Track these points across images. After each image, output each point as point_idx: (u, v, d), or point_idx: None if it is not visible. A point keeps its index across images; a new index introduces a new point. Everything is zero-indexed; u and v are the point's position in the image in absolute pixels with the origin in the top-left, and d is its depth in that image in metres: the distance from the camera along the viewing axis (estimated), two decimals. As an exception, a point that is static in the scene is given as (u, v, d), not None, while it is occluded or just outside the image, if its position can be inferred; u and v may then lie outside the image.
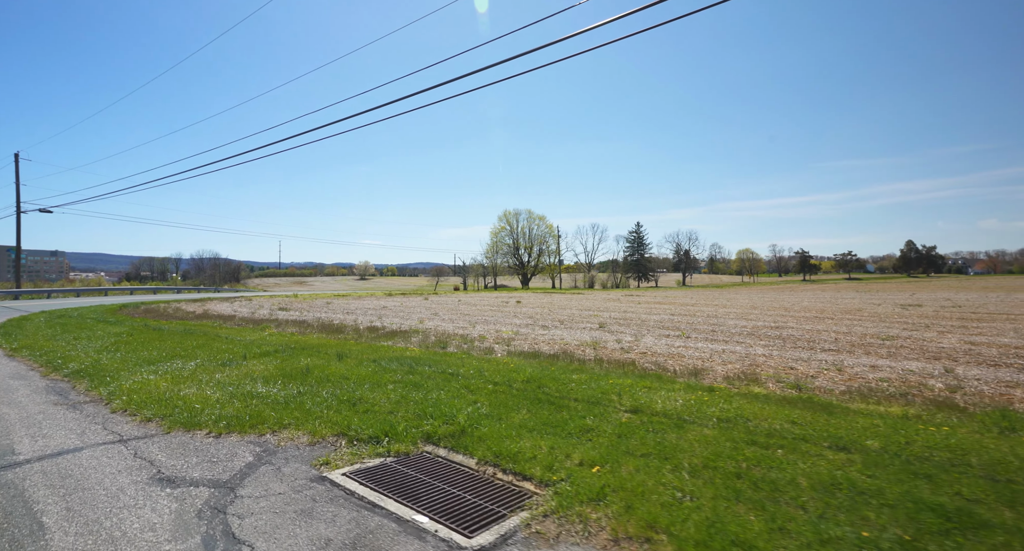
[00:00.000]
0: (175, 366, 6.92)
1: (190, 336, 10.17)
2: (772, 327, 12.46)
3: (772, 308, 21.01)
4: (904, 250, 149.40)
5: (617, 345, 8.90)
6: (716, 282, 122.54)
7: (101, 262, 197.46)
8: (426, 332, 11.27)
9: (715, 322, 14.32)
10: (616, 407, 4.16)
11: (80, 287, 48.50)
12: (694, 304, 24.91)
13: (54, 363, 7.60)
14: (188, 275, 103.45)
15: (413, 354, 7.22)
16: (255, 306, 24.02)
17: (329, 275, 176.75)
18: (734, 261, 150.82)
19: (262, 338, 9.80)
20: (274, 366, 6.60)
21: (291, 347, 8.20)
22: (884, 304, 22.92)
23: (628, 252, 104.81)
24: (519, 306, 23.54)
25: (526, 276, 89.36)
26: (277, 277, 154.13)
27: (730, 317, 16.14)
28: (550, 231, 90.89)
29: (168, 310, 20.82)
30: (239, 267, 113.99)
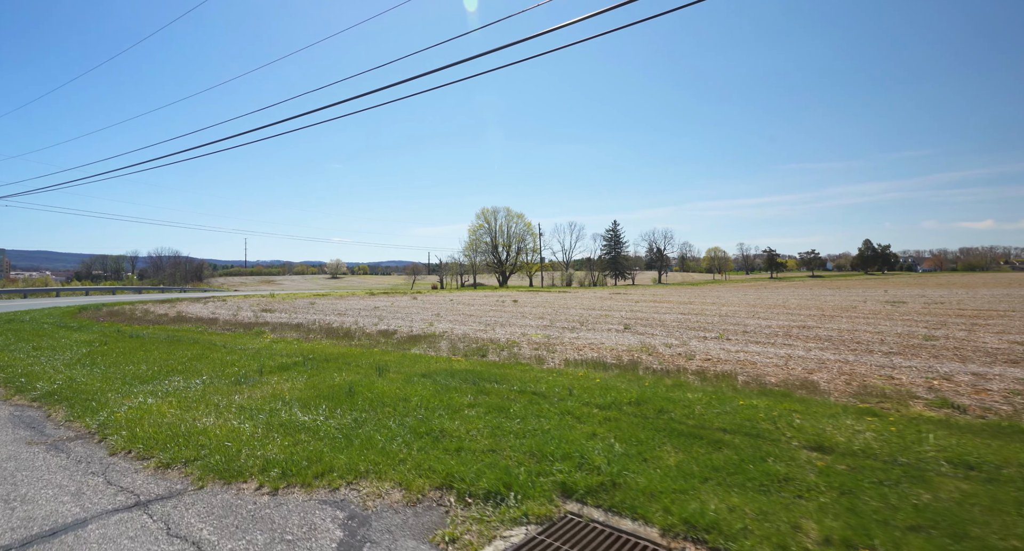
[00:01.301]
0: (176, 385, 5.71)
1: (180, 345, 8.81)
2: (799, 327, 12.09)
3: (770, 306, 20.95)
4: (862, 249, 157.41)
5: (670, 351, 8.18)
6: (689, 280, 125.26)
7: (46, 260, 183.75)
8: (447, 336, 10.25)
9: (735, 322, 13.89)
10: (787, 442, 3.35)
11: (26, 287, 44.40)
12: (691, 302, 24.71)
13: (15, 382, 6.22)
14: (146, 274, 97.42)
15: (462, 366, 6.25)
16: (233, 307, 22.18)
17: (298, 274, 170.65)
18: (704, 259, 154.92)
19: (267, 346, 8.56)
20: (303, 383, 5.50)
21: (309, 357, 7.06)
22: (868, 301, 23.33)
23: (605, 250, 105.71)
24: (517, 306, 22.67)
25: (504, 274, 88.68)
26: (243, 276, 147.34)
27: (741, 316, 15.81)
28: (528, 229, 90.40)
29: (135, 313, 18.84)
30: (202, 265, 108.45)
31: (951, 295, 27.50)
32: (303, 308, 21.92)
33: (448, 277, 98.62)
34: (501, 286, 79.91)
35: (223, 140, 10.87)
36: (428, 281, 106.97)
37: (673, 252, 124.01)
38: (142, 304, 24.72)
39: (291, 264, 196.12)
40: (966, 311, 16.39)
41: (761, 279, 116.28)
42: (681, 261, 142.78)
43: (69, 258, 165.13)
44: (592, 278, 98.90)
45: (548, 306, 21.91)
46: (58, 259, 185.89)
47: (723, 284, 79.19)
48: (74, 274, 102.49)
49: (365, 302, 26.47)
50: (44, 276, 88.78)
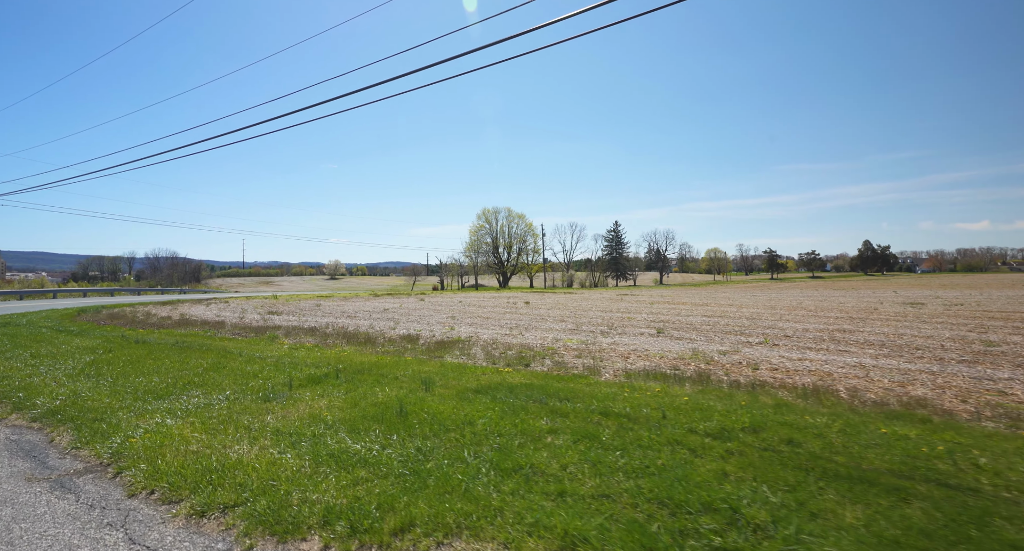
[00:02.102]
0: (196, 401, 5.02)
1: (191, 352, 8.11)
2: (837, 331, 11.46)
3: (789, 308, 20.34)
4: (861, 249, 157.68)
5: (727, 359, 7.53)
6: (690, 281, 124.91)
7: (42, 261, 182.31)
8: (475, 342, 9.58)
9: (767, 325, 13.26)
10: (996, 493, 2.64)
11: (22, 289, 43.54)
12: (707, 304, 24.08)
13: (12, 397, 5.52)
14: (143, 275, 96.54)
15: (516, 379, 5.56)
16: (237, 310, 21.46)
17: (297, 275, 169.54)
18: (703, 260, 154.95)
19: (287, 354, 7.87)
20: (342, 401, 4.82)
21: (339, 368, 6.38)
22: (884, 303, 22.77)
23: (606, 251, 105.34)
24: (531, 307, 22.01)
25: (505, 275, 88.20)
26: (241, 277, 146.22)
27: (767, 318, 15.18)
28: (529, 229, 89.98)
29: (137, 315, 18.11)
30: (199, 267, 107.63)
31: (964, 296, 26.94)
32: (310, 310, 21.21)
33: (448, 278, 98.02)
34: (502, 287, 79.27)
35: (220, 136, 10.22)
36: (428, 282, 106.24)
37: (673, 253, 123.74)
38: (143, 306, 23.96)
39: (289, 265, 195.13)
40: (992, 313, 15.80)
41: (762, 280, 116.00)
42: (680, 262, 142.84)
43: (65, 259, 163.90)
44: (593, 279, 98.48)
45: (563, 308, 21.26)
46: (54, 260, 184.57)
47: (726, 285, 78.72)
48: (71, 275, 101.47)
49: (372, 304, 25.76)
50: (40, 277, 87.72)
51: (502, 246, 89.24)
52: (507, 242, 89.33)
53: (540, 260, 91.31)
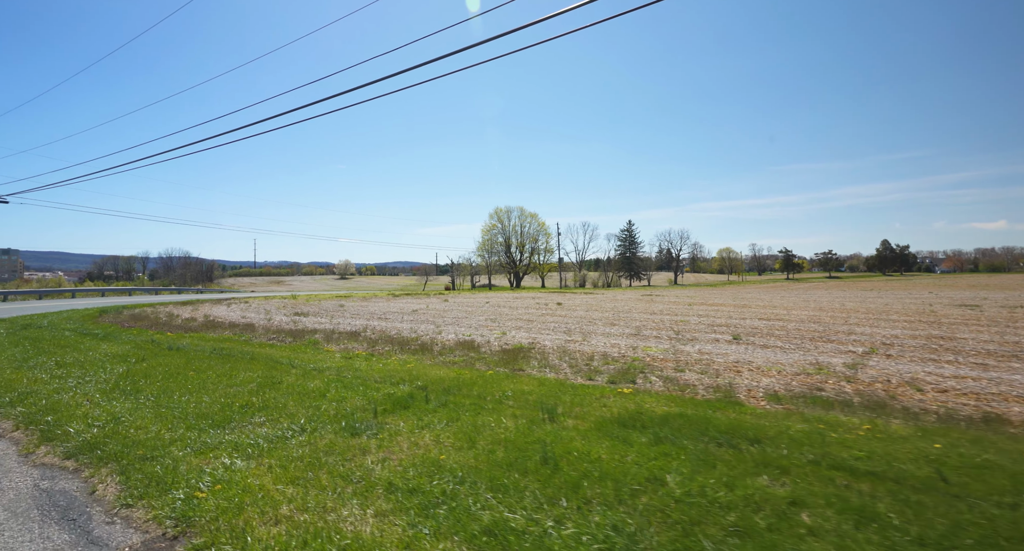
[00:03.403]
0: (263, 432, 4.02)
1: (234, 362, 7.15)
2: (936, 337, 10.24)
3: (840, 310, 18.97)
4: (879, 249, 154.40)
5: (862, 374, 6.38)
6: (703, 281, 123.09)
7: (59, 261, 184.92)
8: (546, 350, 8.52)
9: (843, 330, 12.03)
10: None
11: (41, 288, 43.43)
12: (747, 305, 22.77)
13: (39, 422, 4.57)
14: (156, 275, 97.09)
15: (656, 407, 4.39)
16: (260, 310, 20.65)
17: (307, 274, 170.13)
18: (715, 260, 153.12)
19: (344, 366, 6.87)
20: (452, 436, 3.78)
21: (418, 385, 5.35)
22: (935, 305, 21.34)
23: (619, 251, 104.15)
24: (565, 309, 20.90)
25: (518, 275, 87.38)
26: (253, 276, 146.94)
27: (830, 321, 13.92)
28: (542, 229, 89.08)
29: (160, 317, 17.33)
30: (212, 266, 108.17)
31: (1013, 298, 25.26)
32: (335, 311, 20.34)
33: (459, 278, 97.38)
34: (515, 287, 78.31)
35: (230, 132, 9.48)
36: (439, 282, 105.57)
37: (685, 253, 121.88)
38: (163, 306, 23.28)
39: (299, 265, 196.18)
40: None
41: (777, 280, 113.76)
42: (692, 262, 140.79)
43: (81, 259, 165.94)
44: (606, 279, 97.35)
45: (601, 309, 20.12)
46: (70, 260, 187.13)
47: (744, 286, 76.86)
48: (86, 274, 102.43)
49: (395, 304, 24.83)
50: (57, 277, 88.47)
51: (514, 246, 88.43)
52: (519, 242, 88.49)
53: (553, 260, 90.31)
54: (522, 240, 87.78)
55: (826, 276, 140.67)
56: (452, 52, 5.99)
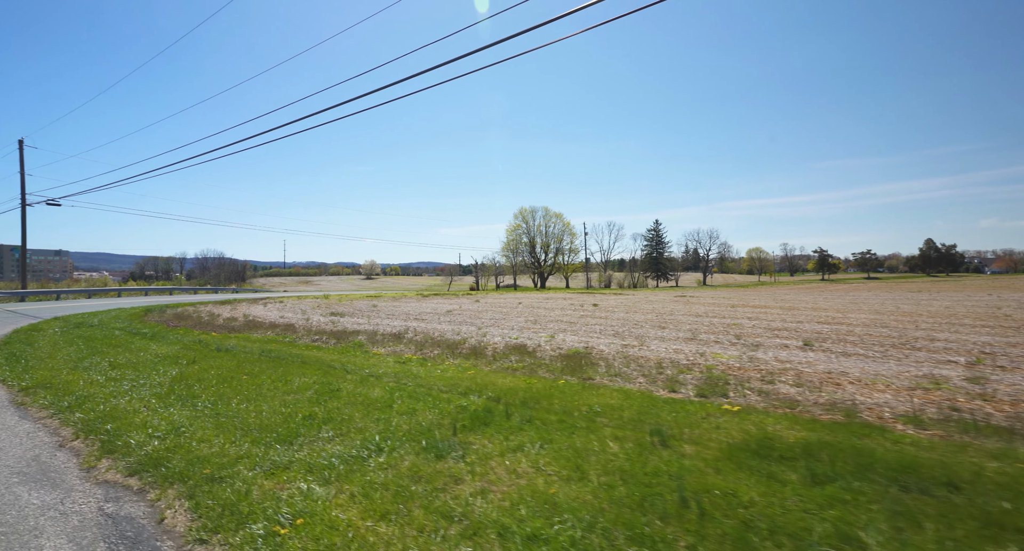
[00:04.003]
0: (335, 450, 3.61)
1: (286, 365, 6.86)
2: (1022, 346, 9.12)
3: (896, 313, 17.58)
4: (923, 249, 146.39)
5: (988, 389, 5.55)
6: (732, 282, 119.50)
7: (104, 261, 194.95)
8: (608, 357, 7.94)
9: (924, 336, 10.96)
10: None
11: (89, 287, 45.43)
12: (795, 307, 21.50)
13: (98, 431, 4.32)
14: (193, 275, 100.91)
15: (786, 432, 3.73)
16: (296, 310, 20.75)
17: (334, 274, 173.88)
18: (744, 260, 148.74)
19: (401, 371, 6.47)
20: (552, 461, 3.27)
21: (490, 396, 4.88)
22: (1004, 306, 19.62)
23: (646, 251, 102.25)
24: (604, 310, 20.19)
25: (543, 275, 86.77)
26: (282, 276, 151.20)
27: (896, 325, 12.76)
28: (567, 229, 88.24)
29: (201, 316, 17.56)
30: (244, 266, 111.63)
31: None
32: (368, 311, 20.25)
33: (483, 278, 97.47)
34: (539, 288, 77.70)
35: (258, 135, 9.46)
36: (463, 282, 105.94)
37: (713, 253, 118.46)
38: (203, 305, 23.75)
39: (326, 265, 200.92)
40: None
41: (812, 281, 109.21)
42: (720, 262, 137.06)
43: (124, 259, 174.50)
44: (632, 279, 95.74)
45: (639, 311, 19.32)
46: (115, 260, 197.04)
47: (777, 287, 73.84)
48: (129, 274, 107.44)
49: (427, 305, 24.63)
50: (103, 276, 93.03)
51: (539, 246, 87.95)
52: (544, 242, 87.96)
53: (578, 260, 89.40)
54: (547, 240, 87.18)
55: (864, 277, 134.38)
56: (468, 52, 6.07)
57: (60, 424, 4.66)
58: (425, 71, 7.29)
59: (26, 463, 3.73)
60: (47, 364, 7.51)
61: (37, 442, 4.20)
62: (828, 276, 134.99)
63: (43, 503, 3.07)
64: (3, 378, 6.70)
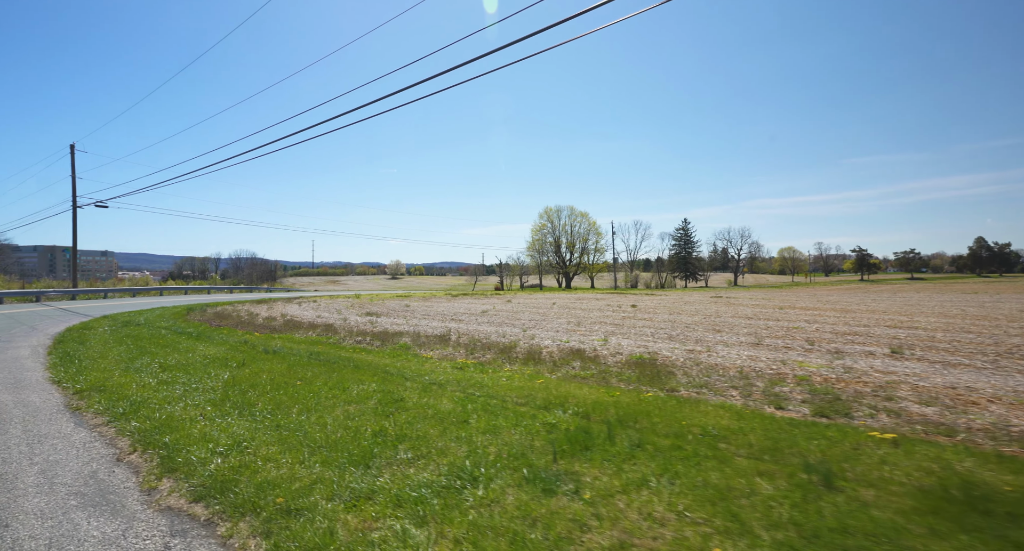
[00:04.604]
0: (421, 478, 3.12)
1: (340, 370, 6.48)
2: None
3: (968, 316, 16.07)
4: (973, 247, 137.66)
5: None
6: (764, 282, 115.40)
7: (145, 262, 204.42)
8: (683, 365, 7.26)
9: (1015, 344, 9.77)
10: None
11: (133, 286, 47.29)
12: (849, 310, 20.05)
13: (157, 442, 3.97)
14: (227, 274, 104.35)
15: (983, 475, 3.04)
16: (331, 310, 20.73)
17: (360, 274, 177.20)
18: (776, 260, 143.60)
19: (465, 379, 5.98)
20: (701, 508, 2.66)
21: (577, 412, 4.32)
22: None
23: (675, 250, 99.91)
24: (644, 311, 19.34)
25: (568, 275, 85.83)
26: (311, 276, 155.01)
27: (975, 331, 11.50)
28: (593, 228, 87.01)
29: (241, 315, 17.67)
30: (275, 266, 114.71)
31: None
32: (402, 311, 20.03)
33: (507, 278, 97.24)
34: (564, 288, 76.79)
35: (292, 135, 9.14)
36: (488, 282, 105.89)
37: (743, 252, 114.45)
38: (241, 305, 24.10)
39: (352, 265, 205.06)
40: None
41: (850, 282, 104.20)
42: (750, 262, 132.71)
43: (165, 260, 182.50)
44: (659, 279, 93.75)
45: (683, 313, 18.38)
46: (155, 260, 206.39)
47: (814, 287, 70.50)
48: (168, 274, 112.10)
49: (459, 305, 24.29)
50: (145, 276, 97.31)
51: (564, 245, 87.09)
52: (569, 241, 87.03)
53: (604, 260, 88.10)
54: (572, 240, 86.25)
55: (907, 277, 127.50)
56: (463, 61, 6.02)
57: (116, 433, 4.36)
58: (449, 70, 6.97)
59: (83, 481, 3.39)
60: (99, 365, 7.38)
61: (94, 454, 3.88)
62: (867, 276, 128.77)
63: (104, 536, 2.68)
64: (58, 379, 6.56)
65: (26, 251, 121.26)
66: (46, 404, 5.43)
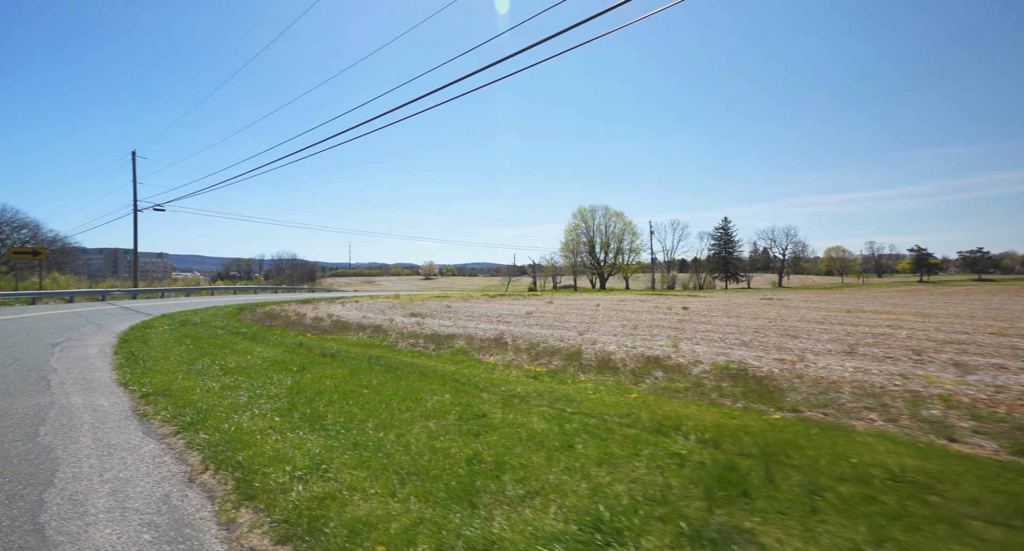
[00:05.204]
0: (541, 521, 2.53)
1: (401, 376, 6.03)
2: None
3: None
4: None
5: None
6: (809, 283, 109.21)
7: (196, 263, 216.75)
8: (783, 377, 6.41)
9: None
10: None
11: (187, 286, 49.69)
12: (924, 314, 18.09)
13: (230, 460, 3.58)
14: (269, 275, 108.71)
15: None
16: (376, 311, 20.71)
17: (395, 275, 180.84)
18: (822, 260, 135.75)
19: (547, 390, 5.40)
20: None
21: (700, 437, 3.64)
22: None
23: (714, 250, 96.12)
24: (693, 313, 18.20)
25: (602, 276, 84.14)
26: (347, 277, 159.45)
27: None
28: (628, 228, 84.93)
29: (289, 315, 17.85)
30: (314, 267, 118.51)
31: None
32: (444, 312, 19.72)
33: (539, 279, 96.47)
34: (599, 289, 75.23)
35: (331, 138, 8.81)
36: (520, 283, 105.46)
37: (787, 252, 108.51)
38: (287, 304, 24.58)
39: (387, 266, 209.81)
40: None
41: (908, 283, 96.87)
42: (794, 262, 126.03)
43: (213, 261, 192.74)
44: (698, 280, 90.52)
45: (741, 316, 17.13)
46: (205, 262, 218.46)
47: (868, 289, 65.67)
48: (216, 274, 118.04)
49: (500, 306, 23.81)
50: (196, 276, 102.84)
51: (599, 245, 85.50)
52: (604, 241, 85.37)
53: (639, 260, 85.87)
54: (607, 239, 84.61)
55: (974, 278, 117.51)
56: None
57: (185, 446, 4.03)
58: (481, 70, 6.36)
59: (156, 507, 3.01)
60: (162, 366, 7.28)
61: (165, 473, 3.53)
62: (928, 277, 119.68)
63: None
64: (125, 381, 6.45)
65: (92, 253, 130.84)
66: (114, 408, 5.24)
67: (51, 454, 3.90)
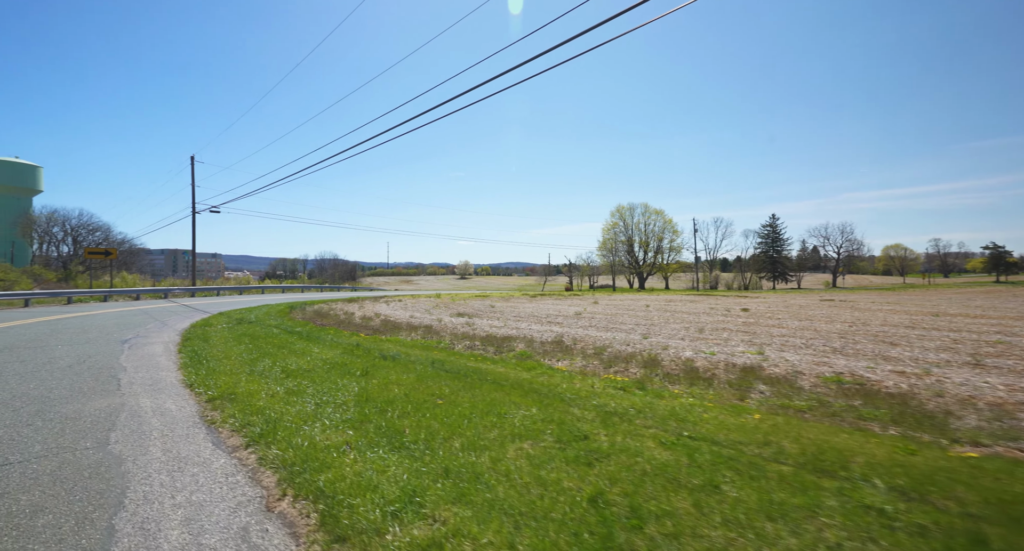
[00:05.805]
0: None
1: (472, 385, 5.51)
2: None
3: None
4: None
5: None
6: (865, 283, 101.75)
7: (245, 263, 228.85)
8: (922, 394, 5.42)
9: None
10: None
11: (239, 285, 52.00)
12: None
13: (309, 485, 3.14)
14: (313, 274, 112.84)
15: None
16: (421, 310, 20.56)
17: (431, 274, 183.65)
18: (879, 259, 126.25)
19: (645, 405, 4.71)
20: None
21: (890, 483, 2.88)
22: None
23: (761, 248, 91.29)
24: (754, 315, 16.82)
25: (641, 276, 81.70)
26: (385, 276, 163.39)
27: None
28: (668, 226, 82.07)
29: (338, 314, 17.94)
30: (355, 267, 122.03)
31: None
32: (489, 312, 19.28)
33: (576, 278, 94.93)
34: (638, 289, 73.03)
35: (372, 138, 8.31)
36: (557, 282, 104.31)
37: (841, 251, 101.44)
38: (334, 303, 24.96)
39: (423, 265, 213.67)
40: None
41: (983, 283, 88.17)
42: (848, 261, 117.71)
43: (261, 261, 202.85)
44: (743, 280, 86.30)
45: (814, 319, 15.63)
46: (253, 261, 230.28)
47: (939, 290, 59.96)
48: (264, 274, 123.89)
49: (543, 306, 23.15)
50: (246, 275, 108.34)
51: (638, 244, 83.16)
52: (643, 240, 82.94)
53: (681, 259, 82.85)
54: (646, 238, 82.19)
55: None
56: None
57: (257, 462, 3.64)
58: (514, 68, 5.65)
59: (235, 545, 2.57)
60: (225, 367, 7.12)
61: (240, 497, 3.12)
62: (1005, 277, 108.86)
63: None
64: (190, 383, 6.28)
65: (155, 253, 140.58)
66: (181, 413, 5.00)
67: (121, 466, 3.61)
